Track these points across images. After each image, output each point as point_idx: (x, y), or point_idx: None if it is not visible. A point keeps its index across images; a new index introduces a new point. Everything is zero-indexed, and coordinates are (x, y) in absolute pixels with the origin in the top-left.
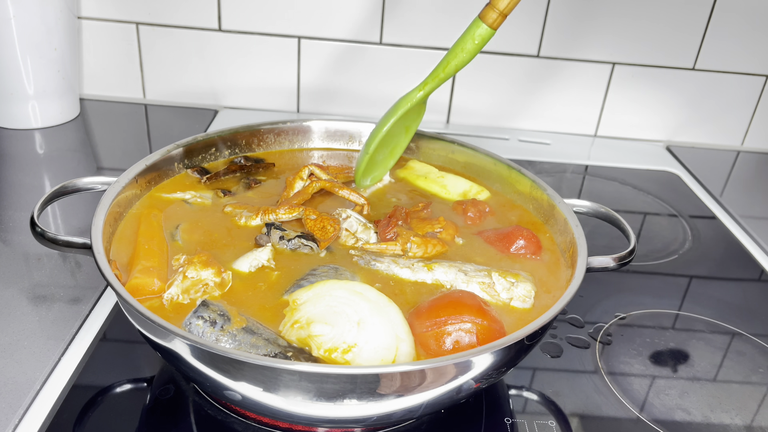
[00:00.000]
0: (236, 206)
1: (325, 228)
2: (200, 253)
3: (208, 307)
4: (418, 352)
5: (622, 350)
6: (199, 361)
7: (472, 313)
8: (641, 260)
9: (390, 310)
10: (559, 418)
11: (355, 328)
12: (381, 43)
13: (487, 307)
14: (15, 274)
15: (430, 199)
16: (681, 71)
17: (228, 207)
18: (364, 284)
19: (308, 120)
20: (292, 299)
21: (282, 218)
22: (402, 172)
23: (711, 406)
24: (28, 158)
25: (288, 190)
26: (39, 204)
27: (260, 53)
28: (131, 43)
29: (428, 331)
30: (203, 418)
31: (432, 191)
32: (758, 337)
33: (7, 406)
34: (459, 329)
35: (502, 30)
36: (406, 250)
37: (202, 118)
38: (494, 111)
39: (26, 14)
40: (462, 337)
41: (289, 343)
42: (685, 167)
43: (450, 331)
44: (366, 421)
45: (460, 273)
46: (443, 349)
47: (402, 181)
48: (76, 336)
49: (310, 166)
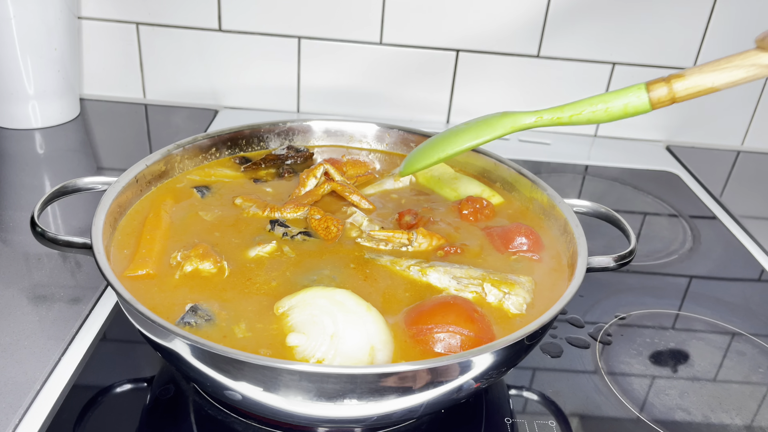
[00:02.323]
0: (246, 199)
1: (328, 228)
2: (197, 246)
3: (196, 312)
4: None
5: (622, 350)
6: (199, 361)
7: (460, 323)
8: (641, 260)
9: (368, 319)
10: (559, 418)
11: (328, 341)
12: (381, 43)
13: (478, 315)
14: (15, 274)
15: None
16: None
17: (238, 199)
18: (345, 292)
19: (309, 120)
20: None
21: (287, 216)
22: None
23: (711, 406)
24: (28, 158)
25: (300, 187)
26: (39, 204)
27: (260, 53)
28: (131, 43)
29: (415, 337)
30: (203, 418)
31: (442, 194)
32: (758, 337)
33: (7, 406)
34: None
35: (503, 30)
36: (412, 239)
37: (202, 118)
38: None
39: (26, 14)
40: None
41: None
42: (685, 167)
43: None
44: (366, 421)
45: (453, 281)
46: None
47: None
48: (76, 336)
49: (326, 165)
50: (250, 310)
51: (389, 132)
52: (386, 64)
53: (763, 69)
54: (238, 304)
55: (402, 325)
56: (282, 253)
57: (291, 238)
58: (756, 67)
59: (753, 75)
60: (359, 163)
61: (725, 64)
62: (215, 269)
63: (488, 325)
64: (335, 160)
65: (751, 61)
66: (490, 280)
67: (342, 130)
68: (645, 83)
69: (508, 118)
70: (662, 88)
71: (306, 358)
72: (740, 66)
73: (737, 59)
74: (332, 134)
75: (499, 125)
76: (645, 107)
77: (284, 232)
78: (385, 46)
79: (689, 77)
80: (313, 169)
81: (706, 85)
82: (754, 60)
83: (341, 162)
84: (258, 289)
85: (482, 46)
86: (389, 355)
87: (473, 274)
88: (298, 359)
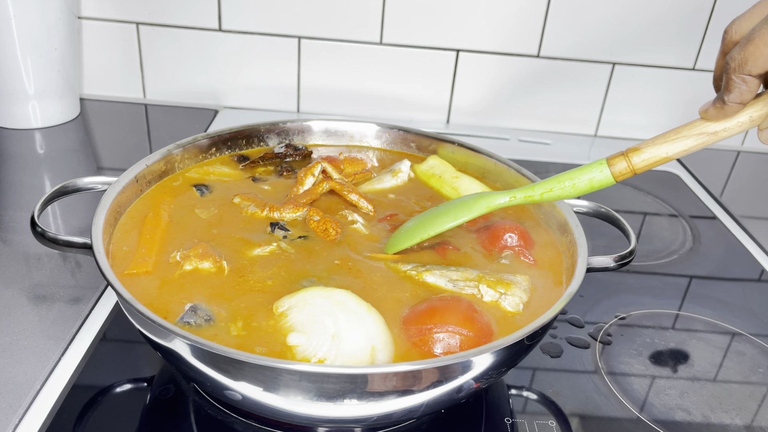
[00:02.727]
0: (244, 198)
1: (327, 230)
2: (196, 246)
3: (195, 312)
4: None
5: (622, 350)
6: (199, 361)
7: (459, 323)
8: (641, 260)
9: (369, 320)
10: (559, 418)
11: (329, 341)
12: (381, 43)
13: (477, 315)
14: (15, 274)
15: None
16: (681, 71)
17: (237, 198)
18: (346, 292)
19: (309, 120)
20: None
21: (286, 216)
22: (418, 168)
23: (711, 406)
24: (28, 158)
25: (298, 186)
26: (39, 204)
27: (260, 53)
28: (131, 43)
29: (415, 337)
30: (203, 418)
31: (443, 193)
32: (758, 337)
33: (7, 406)
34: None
35: (503, 30)
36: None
37: (202, 118)
38: (494, 111)
39: (26, 14)
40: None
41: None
42: (685, 167)
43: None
44: (366, 421)
45: (449, 284)
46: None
47: (414, 180)
48: (76, 336)
49: (323, 163)
50: (249, 309)
51: (389, 132)
52: (386, 64)
53: (710, 136)
54: (237, 303)
55: (401, 325)
56: (281, 254)
57: (291, 241)
58: (704, 135)
59: (702, 143)
60: (356, 161)
61: (674, 136)
62: (215, 269)
63: (488, 324)
64: (333, 158)
65: (698, 131)
66: (486, 281)
67: (342, 130)
68: (606, 158)
69: (484, 199)
70: (621, 163)
71: (307, 357)
72: (688, 136)
73: (685, 130)
74: (332, 134)
75: (476, 206)
76: (609, 181)
77: (284, 235)
78: (385, 46)
79: (644, 150)
80: (310, 167)
81: (661, 156)
82: (700, 129)
83: (339, 160)
84: (257, 289)
85: (482, 46)
86: (390, 355)
87: (469, 276)
88: (299, 359)
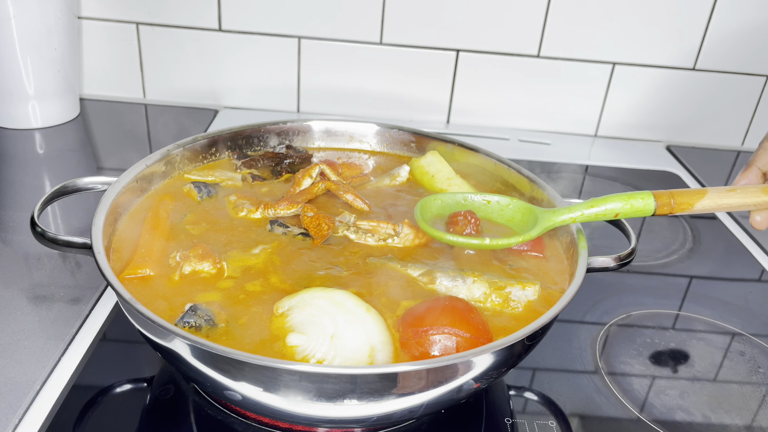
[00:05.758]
0: (240, 197)
1: (320, 226)
2: (195, 247)
3: (195, 312)
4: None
5: (622, 350)
6: (199, 361)
7: (456, 324)
8: (641, 260)
9: (368, 320)
10: (559, 418)
11: (328, 341)
12: (381, 43)
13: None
14: (15, 274)
15: None
16: (681, 71)
17: (233, 197)
18: (345, 292)
19: (309, 120)
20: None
21: (280, 213)
22: (416, 162)
23: (711, 406)
24: (28, 158)
25: (295, 186)
26: (39, 204)
27: (260, 53)
28: (131, 43)
29: (412, 339)
30: (203, 418)
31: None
32: (758, 337)
33: (7, 406)
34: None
35: (502, 30)
36: (398, 230)
37: (202, 118)
38: (494, 111)
39: (26, 14)
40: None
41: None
42: (685, 167)
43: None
44: (366, 421)
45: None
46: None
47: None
48: (76, 336)
49: (321, 165)
50: (249, 309)
51: (389, 132)
52: (386, 64)
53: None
54: (237, 303)
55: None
56: (281, 253)
57: (293, 237)
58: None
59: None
60: (354, 166)
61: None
62: (214, 269)
63: (484, 325)
64: (330, 162)
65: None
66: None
67: (342, 130)
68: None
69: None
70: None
71: (306, 358)
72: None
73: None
74: (332, 134)
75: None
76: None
77: (284, 231)
78: (385, 46)
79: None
80: (308, 169)
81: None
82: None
83: (336, 164)
84: (257, 289)
85: (482, 46)
86: (389, 355)
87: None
88: (299, 359)
